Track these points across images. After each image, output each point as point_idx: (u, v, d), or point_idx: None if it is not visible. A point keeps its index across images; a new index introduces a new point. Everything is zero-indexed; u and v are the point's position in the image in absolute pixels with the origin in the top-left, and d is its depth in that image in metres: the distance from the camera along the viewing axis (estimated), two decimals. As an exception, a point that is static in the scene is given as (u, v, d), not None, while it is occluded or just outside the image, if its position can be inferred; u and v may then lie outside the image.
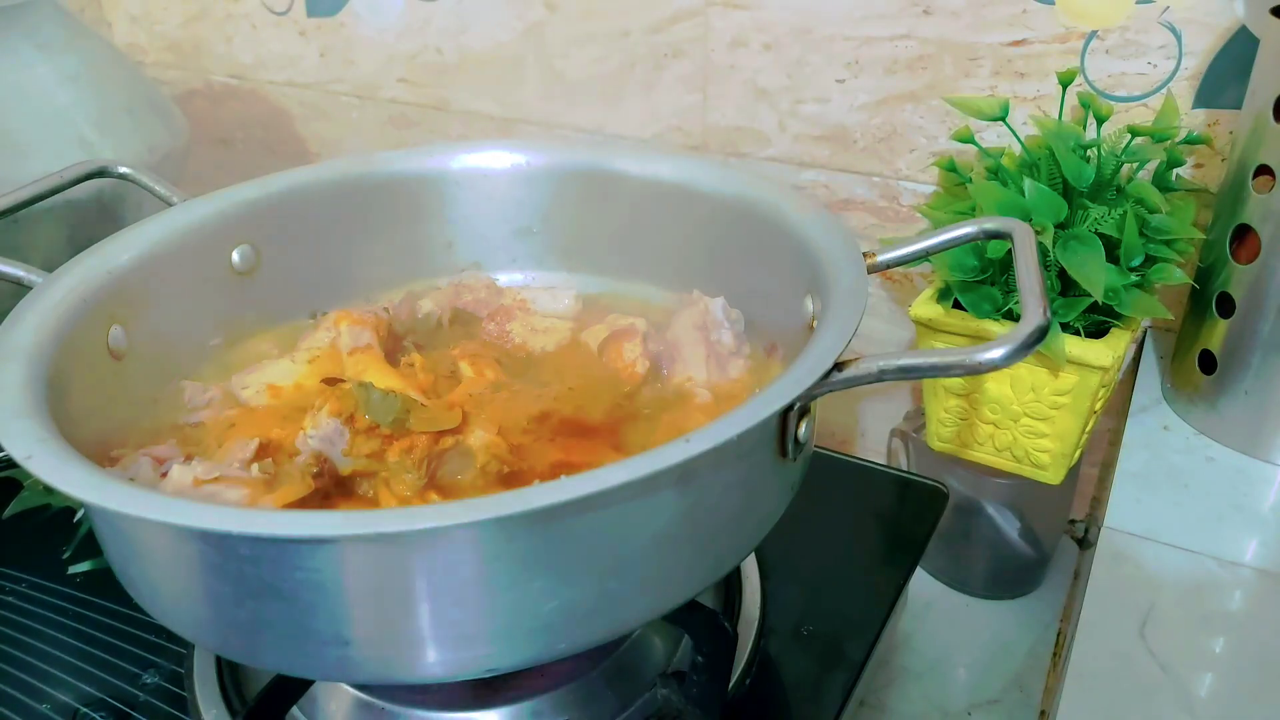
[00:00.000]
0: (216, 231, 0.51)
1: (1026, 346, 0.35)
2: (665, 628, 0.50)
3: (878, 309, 0.73)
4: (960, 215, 0.57)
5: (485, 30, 0.80)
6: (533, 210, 0.58)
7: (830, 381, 0.36)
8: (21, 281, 0.45)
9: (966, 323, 0.55)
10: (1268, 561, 0.48)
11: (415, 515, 0.30)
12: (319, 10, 0.87)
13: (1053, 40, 0.61)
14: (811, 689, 0.49)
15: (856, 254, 0.43)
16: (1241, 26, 0.56)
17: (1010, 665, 0.63)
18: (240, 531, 0.30)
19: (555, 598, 0.34)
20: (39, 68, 0.67)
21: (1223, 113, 0.58)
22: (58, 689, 0.50)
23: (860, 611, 0.53)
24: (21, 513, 0.63)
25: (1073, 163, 0.53)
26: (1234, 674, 0.42)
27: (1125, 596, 0.46)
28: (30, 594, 0.57)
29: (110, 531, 0.38)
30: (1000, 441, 0.58)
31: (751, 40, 0.69)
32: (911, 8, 0.64)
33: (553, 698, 0.46)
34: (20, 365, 0.38)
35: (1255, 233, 0.51)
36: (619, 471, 0.31)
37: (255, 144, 0.98)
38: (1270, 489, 0.52)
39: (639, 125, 0.77)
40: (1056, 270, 0.53)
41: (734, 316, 0.51)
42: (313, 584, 0.32)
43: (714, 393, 0.48)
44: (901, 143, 0.68)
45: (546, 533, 0.32)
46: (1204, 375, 0.56)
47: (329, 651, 0.34)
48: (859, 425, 0.80)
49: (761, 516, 0.40)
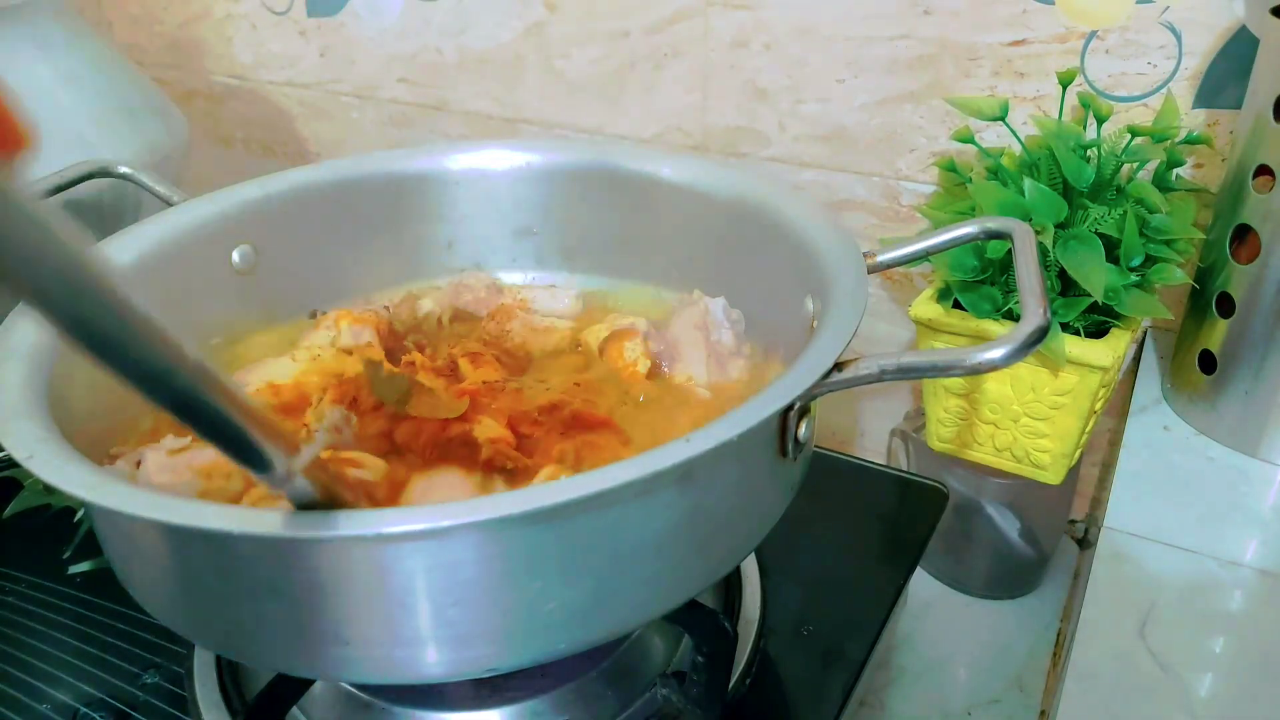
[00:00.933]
0: (216, 231, 0.51)
1: (1026, 346, 0.35)
2: (665, 628, 0.50)
3: (878, 309, 0.73)
4: (960, 215, 0.57)
5: (485, 30, 0.80)
6: (533, 210, 0.58)
7: (830, 381, 0.36)
8: (22, 281, 0.45)
9: (966, 323, 0.55)
10: (1268, 561, 0.48)
11: (415, 515, 0.30)
12: (319, 10, 0.87)
13: (1053, 40, 0.61)
14: (811, 689, 0.49)
15: (856, 254, 0.43)
16: (1241, 26, 0.56)
17: (1010, 665, 0.63)
18: (240, 531, 0.30)
19: (555, 598, 0.34)
20: (39, 68, 0.67)
21: (1223, 113, 0.58)
22: (58, 689, 0.50)
23: (860, 611, 0.53)
24: (21, 513, 0.63)
25: (1073, 163, 0.53)
26: (1234, 674, 0.42)
27: (1125, 596, 0.46)
28: (30, 594, 0.57)
29: (110, 531, 0.38)
30: (1000, 441, 0.58)
31: (751, 40, 0.69)
32: (911, 8, 0.64)
33: (553, 698, 0.46)
34: (20, 365, 0.38)
35: (1255, 233, 0.51)
36: (619, 471, 0.31)
37: (255, 144, 0.98)
38: (1270, 489, 0.52)
39: (639, 125, 0.77)
40: (1056, 270, 0.53)
41: (734, 316, 0.51)
42: (313, 584, 0.32)
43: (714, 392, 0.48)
44: (901, 143, 0.68)
45: (546, 533, 0.32)
46: (1204, 375, 0.56)
47: (329, 651, 0.34)
48: (859, 425, 0.80)
49: (761, 516, 0.40)
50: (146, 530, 0.35)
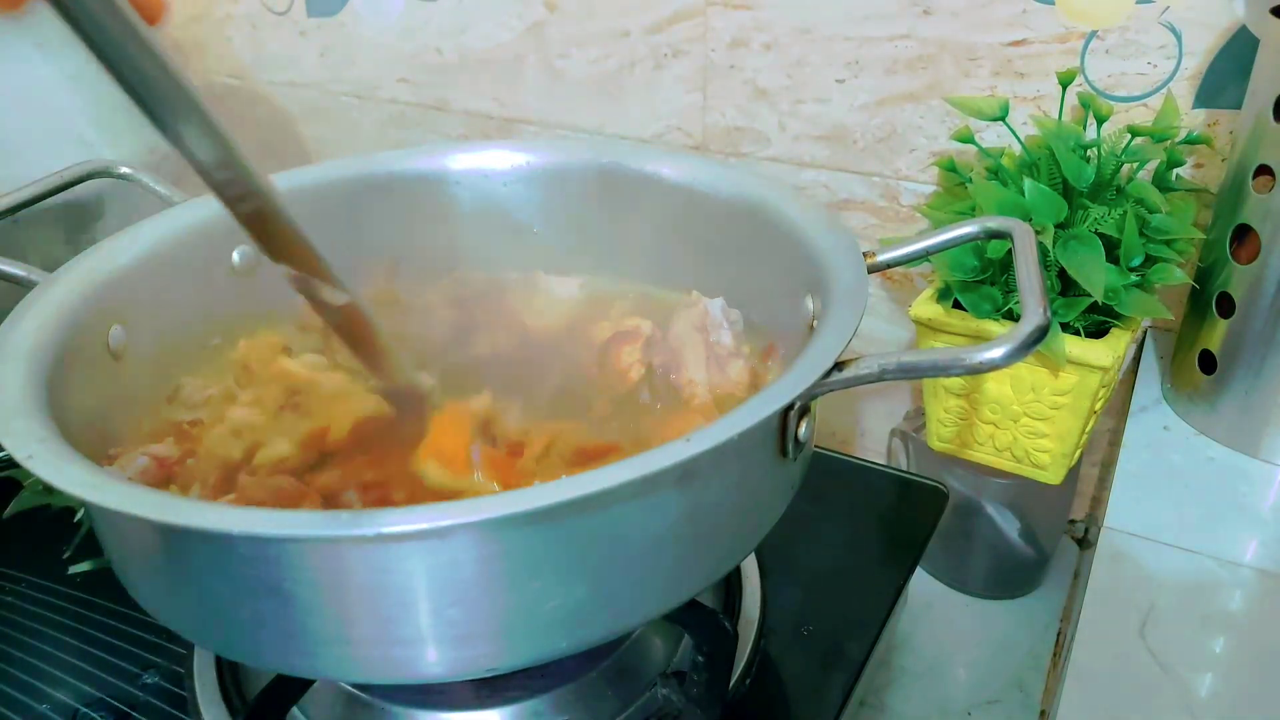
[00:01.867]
0: (216, 231, 0.51)
1: (1026, 346, 0.35)
2: (665, 628, 0.50)
3: (878, 309, 0.73)
4: (960, 215, 0.57)
5: (485, 30, 0.80)
6: (533, 210, 0.58)
7: (830, 381, 0.36)
8: (22, 281, 0.45)
9: (966, 323, 0.55)
10: (1268, 561, 0.48)
11: (415, 515, 0.30)
12: (319, 10, 0.87)
13: (1053, 40, 0.61)
14: (811, 689, 0.49)
15: (856, 254, 0.43)
16: (1241, 26, 0.56)
17: (1010, 665, 0.63)
18: (240, 531, 0.30)
19: (555, 598, 0.34)
20: (39, 68, 0.67)
21: (1223, 113, 0.58)
22: (58, 689, 0.50)
23: (860, 611, 0.53)
24: (21, 513, 0.63)
25: (1073, 163, 0.53)
26: (1234, 674, 0.42)
27: (1125, 596, 0.46)
28: (30, 594, 0.57)
29: (110, 531, 0.38)
30: (1000, 441, 0.58)
31: (751, 40, 0.69)
32: (911, 8, 0.64)
33: (553, 698, 0.46)
34: (20, 365, 0.38)
35: (1255, 233, 0.51)
36: (619, 471, 0.31)
37: (255, 144, 0.98)
38: (1270, 489, 0.52)
39: (639, 125, 0.77)
40: (1056, 270, 0.53)
41: (733, 317, 0.51)
42: (313, 584, 0.32)
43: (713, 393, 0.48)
44: (901, 143, 0.68)
45: (546, 533, 0.32)
46: (1204, 375, 0.56)
47: (329, 651, 0.34)
48: (859, 425, 0.80)
49: (761, 516, 0.40)
50: (147, 530, 0.35)
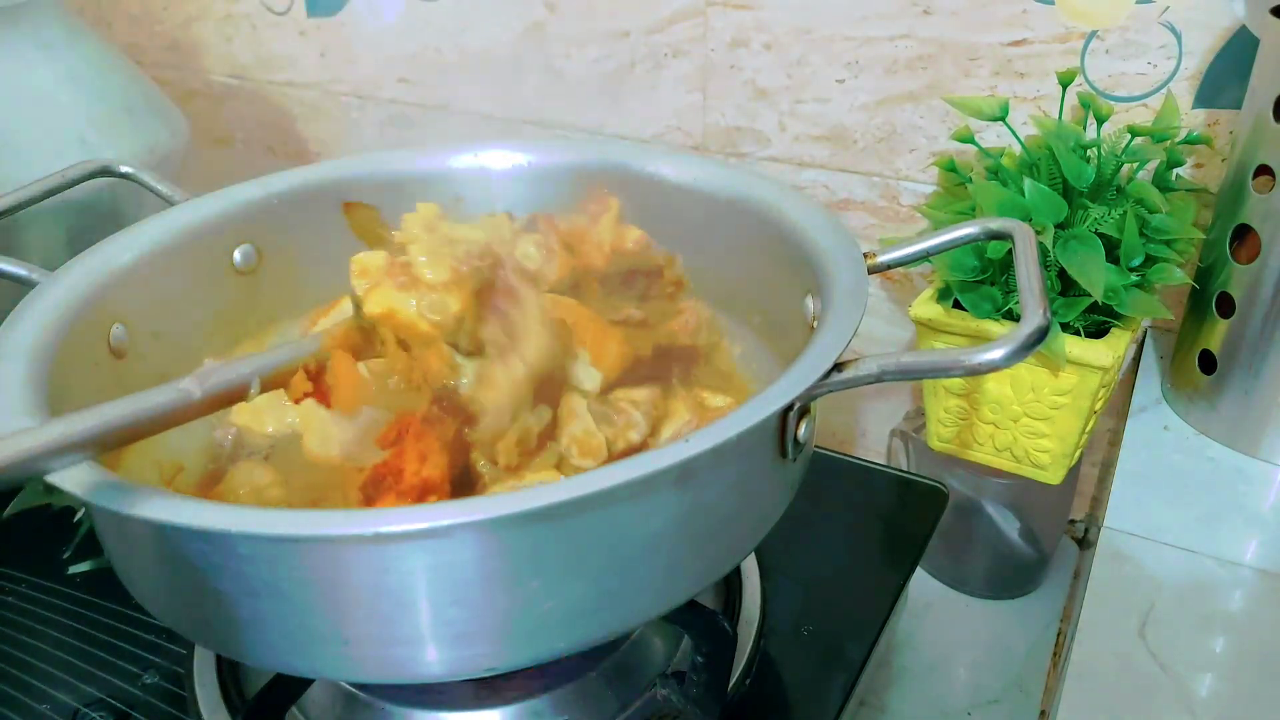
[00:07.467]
0: (217, 231, 0.51)
1: (1026, 347, 0.35)
2: (665, 628, 0.50)
3: (878, 309, 0.73)
4: (960, 215, 0.57)
5: (485, 30, 0.80)
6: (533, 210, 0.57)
7: (830, 381, 0.36)
8: (22, 281, 0.45)
9: (966, 323, 0.55)
10: (1268, 561, 0.48)
11: (415, 515, 0.30)
12: (319, 10, 0.87)
13: (1053, 40, 0.61)
14: (811, 689, 0.49)
15: (856, 254, 0.43)
16: (1241, 26, 0.56)
17: (1010, 665, 0.63)
18: (240, 531, 0.30)
19: (555, 598, 0.34)
20: (39, 68, 0.67)
21: (1223, 113, 0.58)
22: (58, 689, 0.50)
23: (860, 611, 0.53)
24: (21, 513, 0.63)
25: (1073, 163, 0.53)
26: (1234, 674, 0.42)
27: (1125, 596, 0.46)
28: (30, 594, 0.57)
29: (110, 531, 0.38)
30: (1000, 441, 0.58)
31: (751, 40, 0.69)
32: (911, 8, 0.64)
33: (553, 698, 0.46)
34: (20, 365, 0.38)
35: (1255, 233, 0.51)
36: (619, 471, 0.31)
37: (255, 144, 0.98)
38: (1270, 489, 0.52)
39: (639, 125, 0.77)
40: (1056, 270, 0.53)
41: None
42: (312, 583, 0.32)
43: None
44: (901, 143, 0.68)
45: (546, 532, 0.32)
46: (1204, 375, 0.56)
47: (328, 650, 0.34)
48: (859, 425, 0.80)
49: (761, 516, 0.40)
50: (147, 530, 0.35)
